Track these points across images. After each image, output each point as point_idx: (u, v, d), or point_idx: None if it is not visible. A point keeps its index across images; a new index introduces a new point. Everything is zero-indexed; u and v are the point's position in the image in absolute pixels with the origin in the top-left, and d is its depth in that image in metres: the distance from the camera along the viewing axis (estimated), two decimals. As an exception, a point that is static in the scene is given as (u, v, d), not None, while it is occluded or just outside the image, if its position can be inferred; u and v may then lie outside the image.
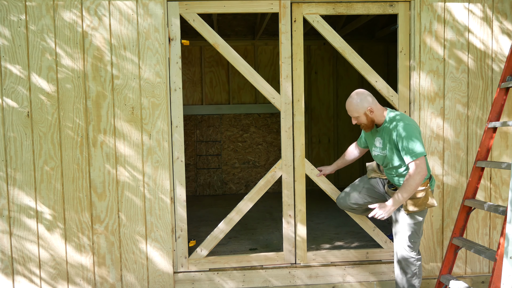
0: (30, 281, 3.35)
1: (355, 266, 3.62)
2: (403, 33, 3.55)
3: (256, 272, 3.57)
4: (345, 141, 7.51)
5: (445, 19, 3.51)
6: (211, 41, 3.49)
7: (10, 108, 3.26)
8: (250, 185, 7.23)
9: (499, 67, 3.56)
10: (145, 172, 3.38)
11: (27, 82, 3.26)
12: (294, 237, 3.59)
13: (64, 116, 3.30)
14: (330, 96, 7.41)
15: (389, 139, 3.04)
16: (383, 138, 3.08)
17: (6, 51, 3.23)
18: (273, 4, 3.47)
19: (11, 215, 3.31)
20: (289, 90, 3.53)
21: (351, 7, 3.52)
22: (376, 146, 3.17)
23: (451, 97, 3.54)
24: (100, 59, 3.30)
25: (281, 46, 3.50)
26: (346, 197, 3.48)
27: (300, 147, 3.57)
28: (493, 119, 3.33)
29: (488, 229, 3.64)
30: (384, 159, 3.13)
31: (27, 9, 3.23)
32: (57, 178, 3.32)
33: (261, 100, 7.21)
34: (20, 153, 3.28)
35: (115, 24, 3.30)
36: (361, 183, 3.45)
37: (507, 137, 3.61)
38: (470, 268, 3.66)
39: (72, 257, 3.38)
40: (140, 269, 3.44)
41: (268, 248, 4.15)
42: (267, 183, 3.57)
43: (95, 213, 3.37)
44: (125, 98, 3.33)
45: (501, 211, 3.02)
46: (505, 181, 3.62)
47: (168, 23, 3.38)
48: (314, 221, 5.24)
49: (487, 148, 3.33)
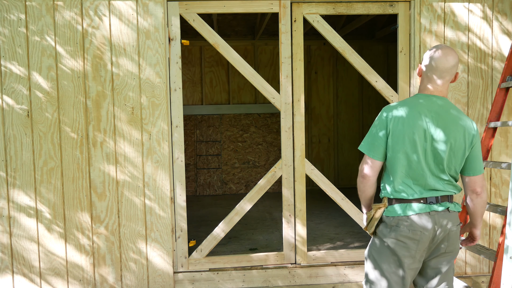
0: (30, 280, 3.35)
1: (355, 266, 3.62)
2: (403, 33, 3.55)
3: (256, 272, 3.56)
4: (345, 141, 7.51)
5: (445, 19, 3.51)
6: (211, 41, 3.49)
7: (10, 108, 3.26)
8: (250, 185, 7.23)
9: (499, 67, 3.56)
10: (145, 172, 3.38)
11: (27, 81, 3.26)
12: (294, 237, 3.59)
13: (64, 116, 3.30)
14: (330, 96, 7.41)
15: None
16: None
17: (6, 51, 3.23)
18: (273, 4, 3.47)
19: (11, 215, 3.31)
20: (289, 90, 3.53)
21: (351, 7, 3.52)
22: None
23: (451, 97, 3.54)
24: (100, 59, 3.30)
25: (281, 46, 3.50)
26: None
27: (300, 147, 3.57)
28: (493, 119, 3.32)
29: (488, 229, 3.64)
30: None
31: (27, 8, 3.23)
32: (57, 178, 3.32)
33: (261, 100, 7.21)
34: (20, 153, 3.28)
35: (115, 24, 3.30)
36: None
37: (507, 137, 3.61)
38: (470, 268, 3.66)
39: (72, 257, 3.38)
40: (140, 269, 3.43)
41: (268, 248, 4.15)
42: (267, 183, 3.57)
43: (95, 213, 3.37)
44: (125, 98, 3.33)
45: (500, 211, 3.02)
46: (505, 181, 3.61)
47: (168, 23, 3.38)
48: (314, 221, 5.24)
49: (487, 148, 3.32)
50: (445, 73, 2.15)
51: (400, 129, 2.12)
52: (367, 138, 2.22)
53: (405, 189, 2.15)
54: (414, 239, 2.10)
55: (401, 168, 2.13)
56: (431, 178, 2.13)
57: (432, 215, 2.11)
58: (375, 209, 2.20)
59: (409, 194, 2.13)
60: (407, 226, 2.11)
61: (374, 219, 2.21)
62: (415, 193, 2.13)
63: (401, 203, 2.14)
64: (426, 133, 2.11)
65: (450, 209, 2.16)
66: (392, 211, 2.15)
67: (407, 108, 2.15)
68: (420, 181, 2.13)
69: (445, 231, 2.14)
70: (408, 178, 2.14)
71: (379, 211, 2.19)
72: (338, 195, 3.64)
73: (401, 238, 2.11)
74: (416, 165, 2.11)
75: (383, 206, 2.19)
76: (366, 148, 2.20)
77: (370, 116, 7.50)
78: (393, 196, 2.16)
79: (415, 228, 2.10)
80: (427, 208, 2.12)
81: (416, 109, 2.14)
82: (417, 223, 2.10)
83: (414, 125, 2.10)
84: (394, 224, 2.13)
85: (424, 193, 2.13)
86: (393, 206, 2.16)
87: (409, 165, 2.12)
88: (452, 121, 2.13)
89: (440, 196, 2.15)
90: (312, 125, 7.40)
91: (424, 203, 2.13)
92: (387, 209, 2.18)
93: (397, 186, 2.15)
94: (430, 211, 2.12)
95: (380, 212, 2.19)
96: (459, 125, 2.13)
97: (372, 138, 2.19)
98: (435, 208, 2.12)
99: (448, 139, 2.11)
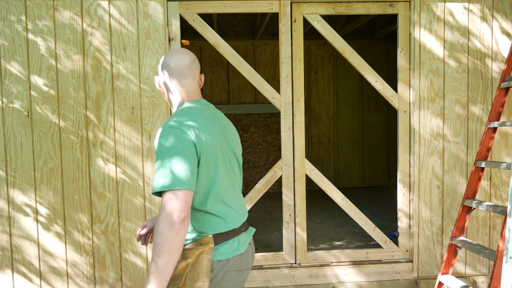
0: (30, 280, 3.35)
1: (355, 266, 3.62)
2: (403, 33, 3.55)
3: (256, 272, 3.56)
4: (345, 141, 7.51)
5: (445, 19, 3.51)
6: (211, 41, 3.49)
7: (10, 108, 3.26)
8: (250, 185, 7.23)
9: (499, 67, 3.56)
10: (145, 172, 3.38)
11: (27, 82, 3.26)
12: (294, 237, 3.59)
13: (64, 116, 3.30)
14: (330, 96, 7.41)
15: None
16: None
17: (6, 51, 3.23)
18: (273, 4, 3.47)
19: (11, 215, 3.31)
20: (289, 90, 3.53)
21: (351, 7, 3.52)
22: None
23: (451, 97, 3.54)
24: (100, 59, 3.30)
25: (281, 46, 3.50)
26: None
27: (300, 147, 3.57)
28: (493, 119, 3.32)
29: (488, 229, 3.64)
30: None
31: (27, 9, 3.23)
32: (57, 178, 3.32)
33: (261, 100, 7.21)
34: (20, 153, 3.28)
35: (115, 24, 3.29)
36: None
37: (507, 137, 3.61)
38: (470, 268, 3.66)
39: (72, 257, 3.37)
40: (140, 269, 3.43)
41: (268, 248, 4.15)
42: (267, 183, 3.57)
43: (95, 213, 3.37)
44: (125, 98, 3.33)
45: (500, 211, 3.02)
46: (505, 181, 3.61)
47: (168, 23, 3.38)
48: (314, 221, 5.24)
49: (487, 148, 3.32)
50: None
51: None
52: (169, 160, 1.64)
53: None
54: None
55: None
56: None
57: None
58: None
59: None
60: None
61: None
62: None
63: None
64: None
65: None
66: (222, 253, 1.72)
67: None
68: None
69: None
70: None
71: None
72: (338, 195, 3.64)
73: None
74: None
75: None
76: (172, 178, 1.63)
77: (370, 116, 7.51)
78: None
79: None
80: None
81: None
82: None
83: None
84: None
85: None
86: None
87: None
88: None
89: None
90: (312, 125, 7.40)
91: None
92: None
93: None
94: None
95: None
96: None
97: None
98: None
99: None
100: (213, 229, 1.67)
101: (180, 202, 1.52)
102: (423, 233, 3.58)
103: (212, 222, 1.67)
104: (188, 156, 1.57)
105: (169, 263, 1.52)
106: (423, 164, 3.55)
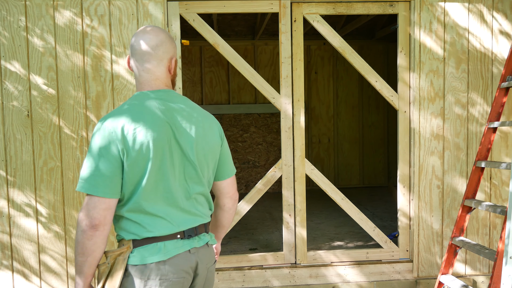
0: (29, 280, 3.35)
1: (355, 266, 3.62)
2: (403, 33, 3.55)
3: (256, 272, 3.56)
4: (345, 141, 7.51)
5: (445, 19, 3.51)
6: (211, 41, 3.49)
7: (10, 108, 3.26)
8: (250, 185, 7.23)
9: (499, 67, 3.56)
10: (145, 172, 3.37)
11: (27, 82, 3.26)
12: (294, 237, 3.59)
13: (64, 116, 3.30)
14: (330, 96, 7.41)
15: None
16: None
17: (6, 51, 3.23)
18: (273, 4, 3.47)
19: (11, 215, 3.31)
20: (289, 90, 3.53)
21: (351, 7, 3.52)
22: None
23: (451, 97, 3.54)
24: (100, 59, 3.30)
25: (281, 46, 3.50)
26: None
27: (300, 147, 3.56)
28: (493, 119, 3.32)
29: (488, 229, 3.64)
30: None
31: (27, 9, 3.23)
32: (57, 178, 3.32)
33: (261, 100, 7.21)
34: (20, 153, 3.28)
35: (115, 24, 3.29)
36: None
37: (507, 137, 3.61)
38: (470, 268, 3.66)
39: (72, 257, 3.37)
40: (140, 269, 3.43)
41: (268, 248, 4.15)
42: (267, 183, 3.57)
43: (95, 213, 3.36)
44: (125, 98, 3.33)
45: (500, 211, 3.02)
46: (505, 181, 3.61)
47: (168, 23, 3.38)
48: (314, 221, 5.24)
49: (487, 148, 3.32)
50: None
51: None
52: (95, 159, 1.58)
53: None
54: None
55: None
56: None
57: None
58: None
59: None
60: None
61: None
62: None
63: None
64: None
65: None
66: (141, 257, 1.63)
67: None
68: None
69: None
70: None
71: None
72: (338, 195, 3.64)
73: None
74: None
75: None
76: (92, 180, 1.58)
77: (370, 116, 7.51)
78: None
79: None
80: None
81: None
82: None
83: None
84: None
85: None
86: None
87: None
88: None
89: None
90: (312, 125, 7.39)
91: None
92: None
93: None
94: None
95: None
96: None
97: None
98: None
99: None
100: (132, 234, 1.57)
101: (93, 209, 1.47)
102: (423, 233, 3.58)
103: (132, 227, 1.57)
104: (110, 160, 1.48)
105: (84, 264, 1.52)
106: (423, 164, 3.55)
